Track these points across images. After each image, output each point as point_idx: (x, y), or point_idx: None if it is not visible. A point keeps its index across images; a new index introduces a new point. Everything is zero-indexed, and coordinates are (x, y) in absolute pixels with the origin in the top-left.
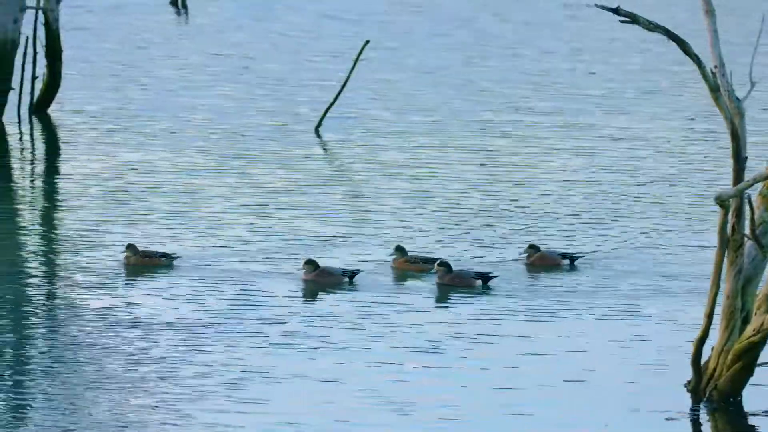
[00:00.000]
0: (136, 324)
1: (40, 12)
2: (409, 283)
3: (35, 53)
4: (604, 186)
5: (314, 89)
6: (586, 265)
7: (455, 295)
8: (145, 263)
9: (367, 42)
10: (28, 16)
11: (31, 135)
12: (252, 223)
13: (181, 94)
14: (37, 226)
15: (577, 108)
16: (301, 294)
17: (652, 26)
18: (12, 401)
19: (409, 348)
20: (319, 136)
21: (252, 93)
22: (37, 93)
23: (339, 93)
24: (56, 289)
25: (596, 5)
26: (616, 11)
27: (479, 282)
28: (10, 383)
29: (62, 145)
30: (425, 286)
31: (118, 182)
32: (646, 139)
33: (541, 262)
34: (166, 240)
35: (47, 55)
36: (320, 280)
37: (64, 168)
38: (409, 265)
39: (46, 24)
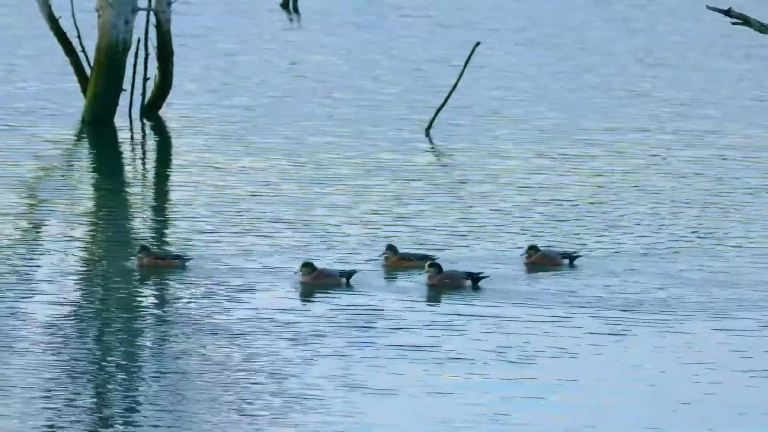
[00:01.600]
0: (225, 329)
1: (151, 14)
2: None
3: (147, 55)
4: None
5: (425, 92)
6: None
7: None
8: (158, 265)
9: (478, 44)
10: (140, 17)
11: (142, 136)
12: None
13: (292, 98)
14: (146, 228)
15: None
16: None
17: (764, 28)
18: (133, 401)
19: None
20: (429, 138)
21: (361, 96)
22: (148, 95)
23: (449, 95)
24: (167, 291)
25: (707, 7)
26: (727, 13)
27: (469, 282)
28: (126, 387)
29: (173, 147)
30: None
31: (227, 186)
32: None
33: (542, 261)
34: (273, 248)
35: (158, 57)
36: (317, 282)
37: (173, 170)
38: (403, 263)
39: (158, 26)
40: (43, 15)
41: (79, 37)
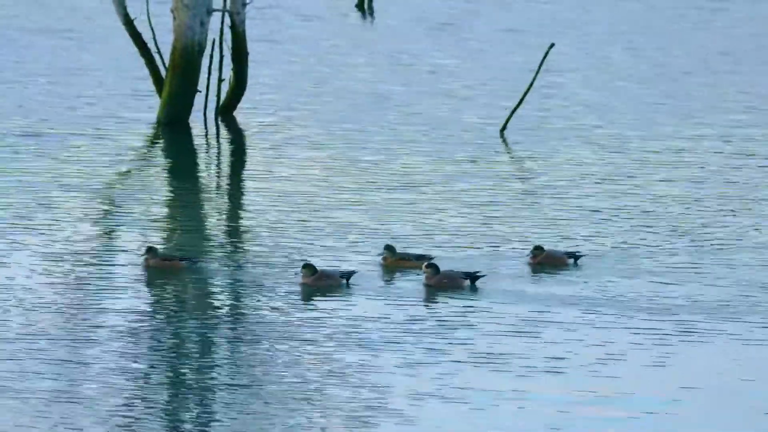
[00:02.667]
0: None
1: (226, 15)
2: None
3: (221, 56)
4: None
5: (500, 93)
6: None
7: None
8: (164, 266)
9: (552, 45)
10: (215, 19)
11: (217, 138)
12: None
13: (365, 99)
14: (219, 230)
15: None
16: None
17: None
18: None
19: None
20: (503, 138)
21: (436, 97)
22: (223, 96)
23: (524, 96)
24: (241, 296)
25: None
26: None
27: (467, 282)
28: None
29: (247, 149)
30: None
31: (300, 188)
32: None
33: (547, 261)
34: (347, 252)
35: (233, 59)
36: (318, 284)
37: (247, 171)
38: (401, 263)
39: (233, 27)
40: (118, 16)
41: (154, 38)
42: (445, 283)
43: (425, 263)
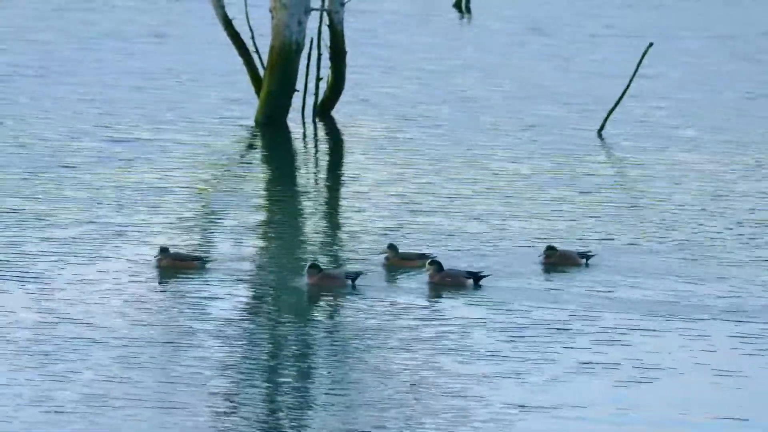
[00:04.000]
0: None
1: (324, 14)
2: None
3: (319, 55)
4: None
5: (596, 94)
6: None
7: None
8: (177, 266)
9: (651, 45)
10: (313, 18)
11: (315, 137)
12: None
13: (461, 100)
14: (317, 230)
15: None
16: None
17: None
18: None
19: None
20: (601, 138)
21: (535, 99)
22: (320, 95)
23: (622, 96)
24: (334, 299)
25: None
26: None
27: (471, 281)
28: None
29: (345, 149)
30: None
31: (398, 188)
32: None
33: (561, 261)
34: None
35: (331, 57)
36: (323, 283)
37: (345, 170)
38: (404, 262)
39: (330, 26)
40: (217, 16)
41: (252, 38)
42: (448, 281)
43: (428, 260)
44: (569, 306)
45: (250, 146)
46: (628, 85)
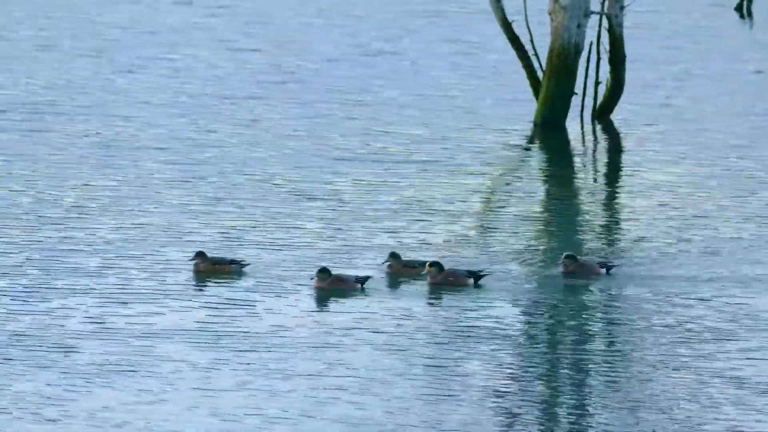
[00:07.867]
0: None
1: (603, 17)
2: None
3: (598, 58)
4: None
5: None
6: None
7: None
8: (214, 270)
9: None
10: (593, 20)
11: (593, 140)
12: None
13: (742, 110)
14: (588, 229)
15: None
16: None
17: None
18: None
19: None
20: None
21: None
22: (599, 99)
23: None
24: (590, 297)
25: None
26: None
27: (471, 280)
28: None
29: (623, 153)
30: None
31: (673, 194)
32: None
33: (581, 270)
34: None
35: (611, 61)
36: (333, 287)
37: (623, 176)
38: (407, 270)
39: (610, 29)
40: (496, 19)
41: (531, 41)
42: (450, 281)
43: (429, 262)
44: None
45: (528, 147)
46: None
